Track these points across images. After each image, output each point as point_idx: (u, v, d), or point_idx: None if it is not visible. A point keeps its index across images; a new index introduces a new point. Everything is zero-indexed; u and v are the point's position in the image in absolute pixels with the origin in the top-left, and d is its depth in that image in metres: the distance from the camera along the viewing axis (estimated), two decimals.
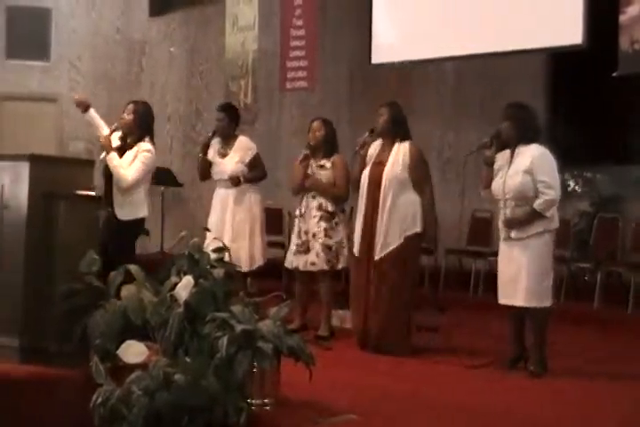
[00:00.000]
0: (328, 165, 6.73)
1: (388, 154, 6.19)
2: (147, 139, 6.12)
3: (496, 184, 5.57)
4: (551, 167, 5.47)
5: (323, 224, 6.63)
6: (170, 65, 12.18)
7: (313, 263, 6.64)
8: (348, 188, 6.67)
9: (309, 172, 6.72)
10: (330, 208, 6.67)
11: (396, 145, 6.19)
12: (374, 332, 6.09)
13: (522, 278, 5.43)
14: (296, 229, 6.81)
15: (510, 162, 5.53)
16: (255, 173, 7.17)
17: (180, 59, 12.14)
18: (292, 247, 6.79)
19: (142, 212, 6.15)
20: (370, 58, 9.97)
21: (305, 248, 6.67)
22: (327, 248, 6.60)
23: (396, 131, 6.22)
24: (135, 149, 6.09)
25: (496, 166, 5.62)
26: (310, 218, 6.70)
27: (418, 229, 6.09)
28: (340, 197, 6.73)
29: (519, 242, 5.46)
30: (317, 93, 10.71)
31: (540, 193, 5.41)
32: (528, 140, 5.51)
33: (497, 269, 5.70)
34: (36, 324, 4.89)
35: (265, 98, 10.75)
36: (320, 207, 6.67)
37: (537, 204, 5.40)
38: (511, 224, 5.48)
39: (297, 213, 6.83)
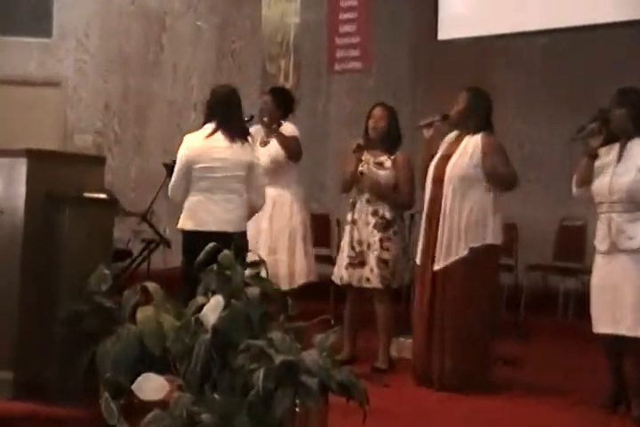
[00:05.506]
0: (388, 163, 6.73)
1: (458, 147, 6.20)
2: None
3: (600, 183, 5.51)
4: None
5: (378, 234, 6.64)
6: (195, 42, 12.24)
7: (368, 279, 6.65)
8: (413, 194, 6.71)
9: (364, 169, 6.72)
10: (388, 215, 6.66)
11: (467, 138, 6.18)
12: (443, 364, 6.05)
13: (628, 302, 5.36)
14: (347, 239, 6.80)
15: (620, 157, 5.47)
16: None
17: (207, 35, 12.20)
18: (344, 259, 6.78)
19: (185, 223, 5.90)
20: (436, 33, 9.94)
21: (359, 261, 6.67)
22: (382, 262, 6.61)
23: (473, 122, 6.21)
24: None
25: (599, 162, 5.56)
26: (364, 225, 6.70)
27: (489, 240, 6.07)
28: (402, 204, 6.77)
29: (626, 256, 5.39)
30: (373, 76, 10.72)
31: None
32: None
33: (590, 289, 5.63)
34: (34, 353, 4.95)
35: (309, 81, 10.77)
36: (376, 213, 6.67)
37: None
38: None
39: (348, 218, 6.82)
